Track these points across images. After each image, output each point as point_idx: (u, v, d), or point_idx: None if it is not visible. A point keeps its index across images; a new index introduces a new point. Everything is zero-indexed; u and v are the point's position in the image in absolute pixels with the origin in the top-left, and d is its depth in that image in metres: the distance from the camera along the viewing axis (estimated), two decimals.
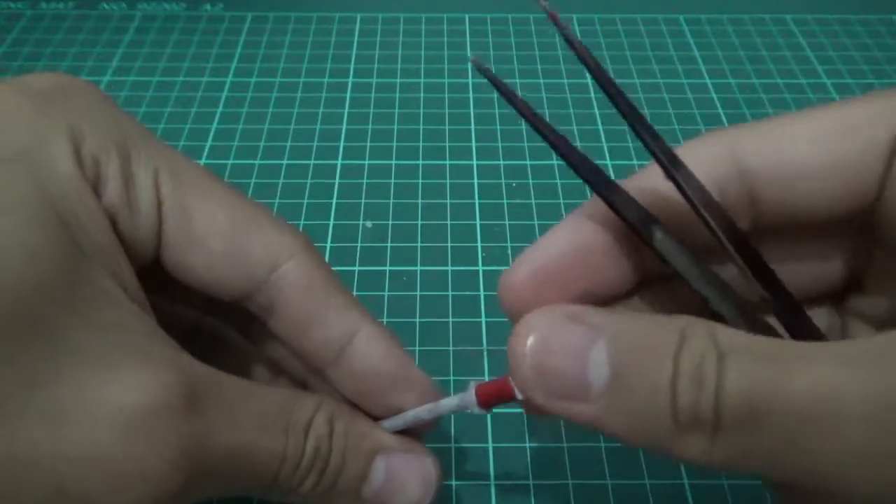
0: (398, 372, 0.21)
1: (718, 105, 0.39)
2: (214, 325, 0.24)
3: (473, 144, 0.36)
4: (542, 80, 0.41)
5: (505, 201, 0.33)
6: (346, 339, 0.20)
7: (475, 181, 0.34)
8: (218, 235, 0.19)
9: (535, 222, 0.32)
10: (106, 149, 0.18)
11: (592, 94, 0.40)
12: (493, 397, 0.19)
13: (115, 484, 0.16)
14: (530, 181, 0.34)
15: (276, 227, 0.20)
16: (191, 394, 0.17)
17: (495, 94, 0.39)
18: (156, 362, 0.17)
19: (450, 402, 0.20)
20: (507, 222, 0.32)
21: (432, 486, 0.21)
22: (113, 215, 0.18)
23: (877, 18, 0.46)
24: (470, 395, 0.19)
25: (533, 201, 0.33)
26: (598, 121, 0.38)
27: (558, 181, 0.34)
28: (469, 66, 0.41)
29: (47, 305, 0.15)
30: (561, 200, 0.33)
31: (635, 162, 0.35)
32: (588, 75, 0.40)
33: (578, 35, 0.44)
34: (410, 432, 0.21)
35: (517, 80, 0.40)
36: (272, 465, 0.18)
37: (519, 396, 0.17)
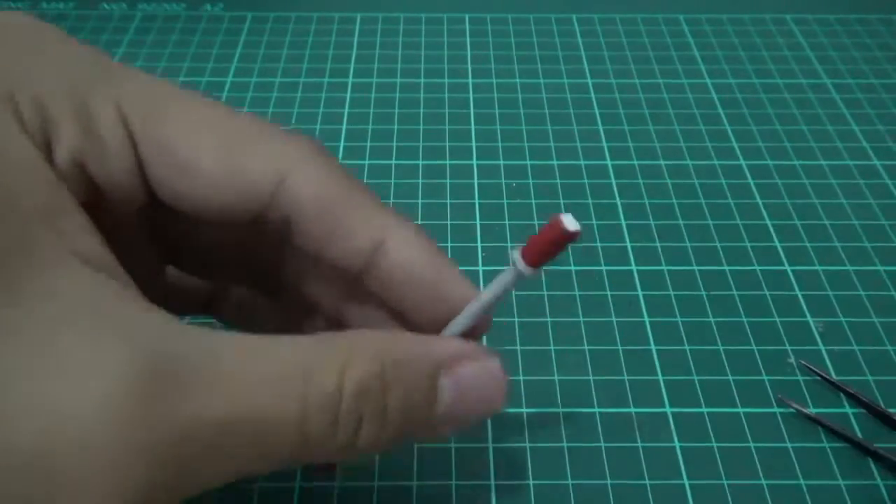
0: (438, 276, 0.18)
1: (718, 105, 0.39)
2: (240, 293, 0.23)
3: (473, 144, 0.36)
4: (542, 80, 0.41)
5: (505, 201, 0.33)
6: (374, 245, 0.18)
7: (475, 181, 0.34)
8: (207, 156, 0.17)
9: (535, 222, 0.32)
10: (52, 92, 0.16)
11: (592, 95, 0.40)
12: (540, 245, 0.16)
13: (63, 496, 0.13)
14: (530, 181, 0.34)
15: (277, 137, 0.18)
16: (155, 370, 0.14)
17: (495, 94, 0.39)
18: (107, 339, 0.13)
19: (499, 281, 0.17)
20: (507, 222, 0.32)
21: (503, 388, 0.18)
22: (78, 161, 0.17)
23: (877, 18, 0.46)
24: (516, 260, 0.17)
25: (533, 201, 0.33)
26: (599, 121, 0.38)
27: (558, 181, 0.34)
28: (469, 66, 0.41)
29: None
30: (561, 200, 0.33)
31: (635, 162, 0.35)
32: (588, 75, 0.40)
33: (578, 35, 0.44)
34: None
35: (517, 80, 0.40)
36: (289, 427, 0.15)
37: (571, 228, 0.15)
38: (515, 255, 0.17)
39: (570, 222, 0.16)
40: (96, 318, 0.14)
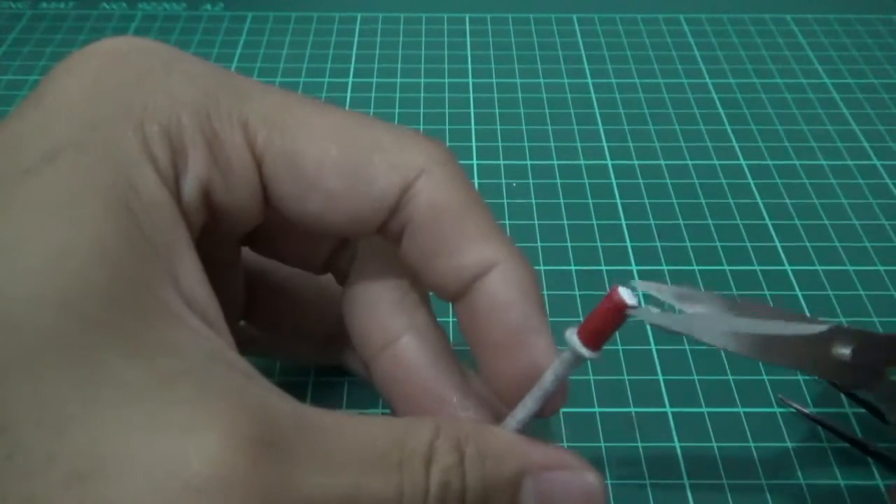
0: (529, 321, 0.17)
1: (718, 105, 0.39)
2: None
3: (474, 144, 0.36)
4: (542, 80, 0.41)
5: (505, 201, 0.33)
6: (480, 271, 0.17)
7: (475, 181, 0.34)
8: (334, 173, 0.17)
9: (536, 222, 0.32)
10: (177, 116, 0.16)
11: (592, 94, 0.40)
12: (599, 327, 0.15)
13: None
14: (530, 181, 0.34)
15: (402, 144, 0.18)
16: (264, 436, 0.13)
17: (495, 94, 0.39)
18: (216, 399, 0.13)
19: (559, 366, 0.16)
20: (507, 222, 0.32)
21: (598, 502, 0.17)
22: (205, 190, 0.16)
23: (877, 18, 0.46)
24: (574, 343, 0.16)
25: (533, 201, 0.33)
26: (599, 121, 0.38)
27: (558, 181, 0.34)
28: (469, 66, 0.41)
29: (87, 330, 0.12)
30: (561, 200, 0.33)
31: (635, 162, 0.35)
32: (588, 75, 0.40)
33: (579, 35, 0.44)
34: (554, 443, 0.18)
35: (517, 80, 0.40)
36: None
37: (631, 302, 0.15)
38: (573, 338, 0.16)
39: (627, 295, 0.15)
40: (208, 377, 0.13)
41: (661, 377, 0.26)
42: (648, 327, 0.28)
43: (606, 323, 0.15)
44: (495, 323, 0.17)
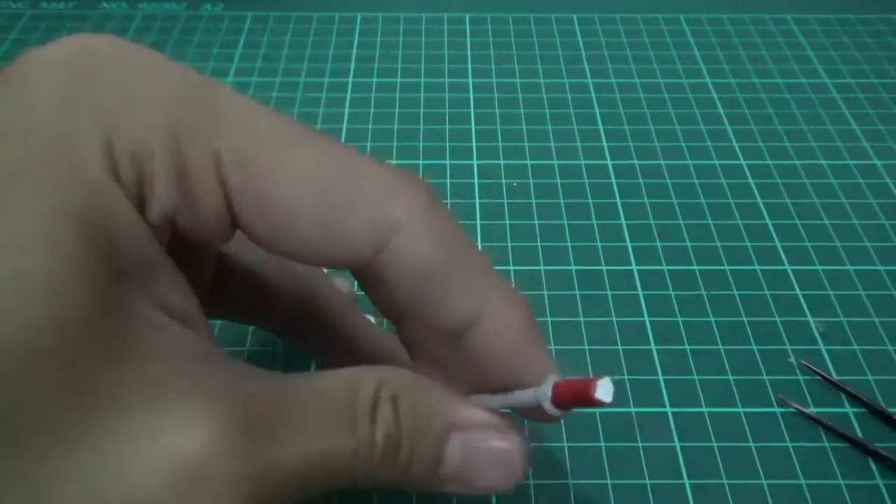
0: (522, 365, 0.18)
1: (718, 105, 0.39)
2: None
3: (473, 144, 0.36)
4: (542, 80, 0.41)
5: (505, 201, 0.33)
6: (469, 321, 0.17)
7: (475, 181, 0.34)
8: (308, 224, 0.16)
9: (536, 222, 0.32)
10: (146, 141, 0.15)
11: (593, 94, 0.40)
12: (570, 396, 0.16)
13: None
14: (531, 181, 0.34)
15: (382, 191, 0.17)
16: (248, 421, 0.15)
17: (495, 94, 0.39)
18: (203, 395, 0.14)
19: (523, 394, 0.18)
20: (507, 222, 0.32)
21: (516, 468, 0.18)
22: (170, 217, 0.16)
23: (877, 18, 0.46)
24: (546, 390, 0.17)
25: (533, 201, 0.33)
26: (599, 121, 0.38)
27: (559, 181, 0.34)
28: (469, 66, 0.41)
29: (78, 348, 0.13)
30: (561, 200, 0.33)
31: (636, 162, 0.35)
32: (588, 75, 0.40)
33: (579, 35, 0.44)
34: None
35: (517, 80, 0.40)
36: (347, 465, 0.16)
37: (605, 399, 0.15)
38: (548, 389, 0.17)
39: (604, 392, 0.15)
40: (194, 375, 0.15)
41: (661, 377, 0.26)
42: (648, 327, 0.28)
43: (577, 404, 0.16)
44: (491, 371, 0.18)
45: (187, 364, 0.15)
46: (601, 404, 0.15)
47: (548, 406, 0.17)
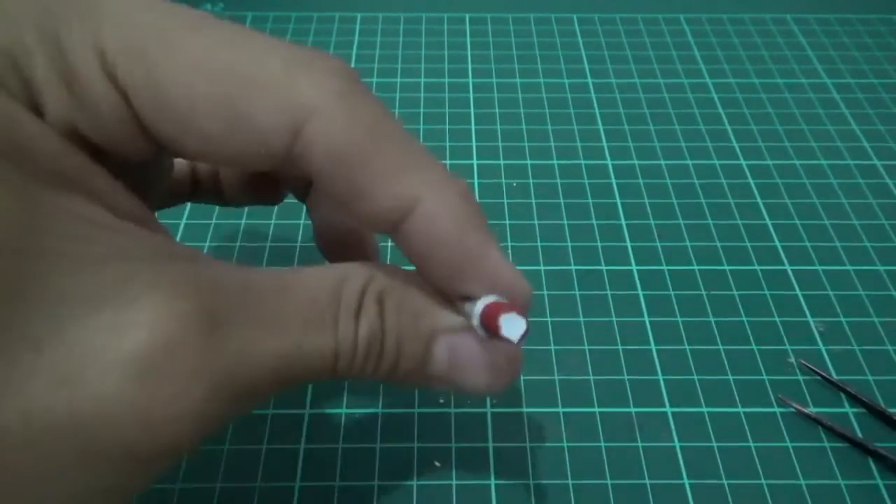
0: (465, 260, 0.16)
1: (718, 105, 0.39)
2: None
3: (473, 144, 0.36)
4: (542, 80, 0.41)
5: (505, 201, 0.33)
6: (402, 211, 0.16)
7: (475, 181, 0.34)
8: (207, 114, 0.15)
9: (536, 222, 0.32)
10: (21, 39, 0.14)
11: (593, 94, 0.40)
12: (489, 322, 0.16)
13: (143, 434, 0.14)
14: (530, 181, 0.34)
15: (290, 75, 0.15)
16: (212, 312, 0.14)
17: (495, 94, 0.39)
18: (162, 288, 0.14)
19: (465, 309, 0.17)
20: (507, 222, 0.32)
21: (500, 371, 0.18)
22: (70, 126, 0.15)
23: (877, 18, 0.46)
24: (476, 308, 0.17)
25: (533, 201, 0.33)
26: (599, 121, 0.38)
27: (558, 181, 0.34)
28: (469, 66, 0.41)
29: (13, 261, 0.13)
30: (561, 200, 0.33)
31: (636, 161, 0.35)
32: (588, 75, 0.40)
33: (579, 35, 0.44)
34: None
35: (517, 80, 0.40)
36: (326, 362, 0.16)
37: (509, 336, 0.15)
38: (478, 309, 0.17)
39: (510, 327, 0.15)
40: (156, 270, 0.14)
41: (661, 377, 0.26)
42: (649, 327, 0.28)
43: (490, 332, 0.16)
44: (435, 261, 0.17)
45: (143, 261, 0.14)
46: (507, 341, 0.15)
47: (476, 326, 0.16)
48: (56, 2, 0.14)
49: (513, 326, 0.15)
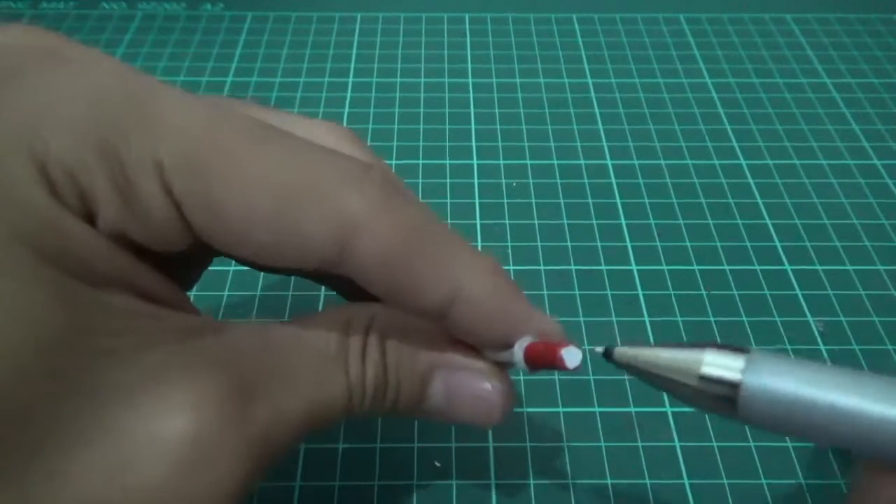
0: (509, 326, 0.18)
1: (718, 105, 0.39)
2: None
3: (473, 144, 0.36)
4: (542, 80, 0.41)
5: (505, 201, 0.33)
6: (446, 302, 0.17)
7: (475, 181, 0.34)
8: (263, 228, 0.16)
9: (536, 222, 0.32)
10: (78, 153, 0.14)
11: (592, 94, 0.40)
12: (538, 358, 0.18)
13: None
14: (530, 181, 0.34)
15: (341, 183, 0.16)
16: (240, 383, 0.15)
17: (495, 94, 0.39)
18: (195, 368, 0.15)
19: (503, 356, 0.19)
20: (507, 222, 0.32)
21: (494, 406, 0.19)
22: (121, 233, 0.15)
23: (877, 18, 0.46)
24: (518, 351, 0.18)
25: (533, 201, 0.33)
26: (599, 121, 0.38)
27: (558, 181, 0.34)
28: (469, 65, 0.41)
29: (62, 360, 0.14)
30: (561, 200, 0.33)
31: (636, 161, 0.35)
32: (588, 75, 0.40)
33: (579, 35, 0.44)
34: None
35: (517, 80, 0.40)
36: (342, 407, 0.17)
37: (569, 365, 0.17)
38: (520, 351, 0.18)
39: (571, 358, 0.17)
40: (183, 354, 0.15)
41: None
42: (648, 327, 0.28)
43: (544, 366, 0.18)
44: (480, 339, 0.18)
45: (178, 343, 0.15)
46: (567, 370, 0.17)
47: (521, 366, 0.18)
48: (117, 114, 0.15)
49: (572, 358, 0.17)
